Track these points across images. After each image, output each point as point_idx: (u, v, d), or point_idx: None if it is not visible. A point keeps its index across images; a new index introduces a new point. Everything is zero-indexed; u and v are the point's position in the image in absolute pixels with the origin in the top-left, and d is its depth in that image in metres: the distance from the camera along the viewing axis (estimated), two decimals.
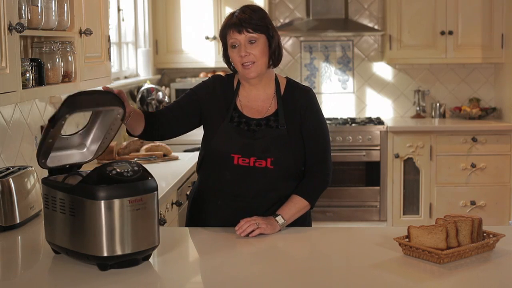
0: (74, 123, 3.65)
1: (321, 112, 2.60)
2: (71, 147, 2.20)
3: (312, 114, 2.54)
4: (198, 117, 2.57)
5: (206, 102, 2.55)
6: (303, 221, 2.56)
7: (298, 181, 2.53)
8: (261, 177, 2.46)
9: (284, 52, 6.08)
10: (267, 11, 5.70)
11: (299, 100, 2.54)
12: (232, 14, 2.49)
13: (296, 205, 2.46)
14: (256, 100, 2.54)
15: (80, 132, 2.22)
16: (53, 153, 2.12)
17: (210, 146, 2.52)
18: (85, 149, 2.23)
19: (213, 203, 2.53)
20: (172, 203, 3.41)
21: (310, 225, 2.64)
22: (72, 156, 2.20)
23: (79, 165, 2.22)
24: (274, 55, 2.51)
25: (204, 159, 2.56)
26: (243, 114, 2.52)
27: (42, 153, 2.07)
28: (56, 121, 1.98)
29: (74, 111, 2.00)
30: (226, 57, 2.54)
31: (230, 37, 2.45)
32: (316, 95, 2.64)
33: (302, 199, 2.48)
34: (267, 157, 2.45)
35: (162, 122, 2.53)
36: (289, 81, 2.60)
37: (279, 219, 2.40)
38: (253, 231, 2.32)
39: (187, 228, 2.56)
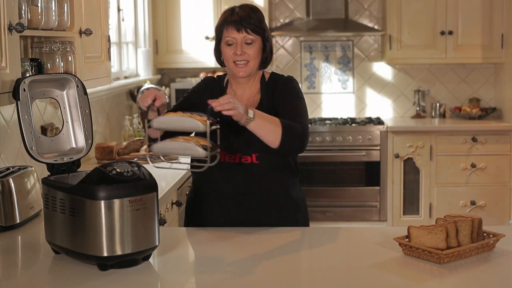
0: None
1: (300, 93, 2.54)
2: (61, 150, 2.24)
3: (288, 92, 2.52)
4: None
5: (199, 103, 2.56)
6: (302, 220, 2.57)
7: (288, 175, 2.53)
8: (249, 173, 2.47)
9: (284, 52, 6.13)
10: (267, 11, 5.71)
11: (279, 88, 2.54)
12: (231, 10, 2.49)
13: (271, 118, 2.32)
14: (242, 98, 2.55)
15: (60, 133, 2.27)
16: (52, 154, 2.15)
17: None
18: (74, 145, 2.28)
19: (206, 202, 2.56)
20: (172, 203, 3.41)
21: (308, 225, 2.64)
22: (70, 152, 2.24)
23: (78, 164, 2.22)
24: (266, 58, 2.53)
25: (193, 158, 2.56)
26: None
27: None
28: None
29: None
30: (217, 51, 2.55)
31: (228, 34, 2.46)
32: (316, 95, 2.65)
33: (278, 120, 2.32)
34: (252, 152, 2.46)
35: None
36: (272, 74, 2.61)
37: (250, 112, 2.24)
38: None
39: (187, 228, 2.56)
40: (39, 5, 2.51)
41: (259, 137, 2.30)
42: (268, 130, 2.29)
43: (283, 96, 2.52)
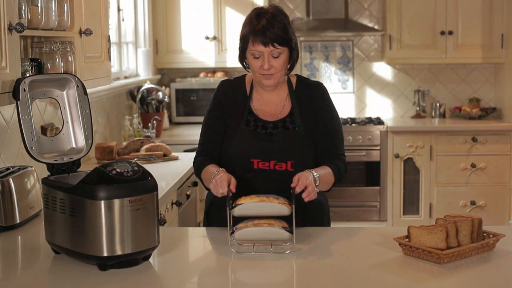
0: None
1: (334, 105, 2.60)
2: (61, 150, 2.24)
3: (326, 108, 2.54)
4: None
5: (225, 112, 2.54)
6: (326, 221, 2.64)
7: None
8: (281, 180, 2.41)
9: None
10: None
11: (312, 96, 2.53)
12: (257, 16, 2.41)
13: (327, 173, 2.42)
14: (269, 103, 2.53)
15: (60, 133, 2.27)
16: (52, 154, 2.15)
17: (227, 152, 2.49)
18: (74, 145, 2.27)
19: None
20: (172, 203, 3.41)
21: (329, 225, 2.66)
22: (70, 152, 2.24)
23: (78, 164, 2.22)
24: (293, 64, 2.49)
25: (220, 164, 2.49)
26: (259, 117, 2.51)
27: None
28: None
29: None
30: (242, 57, 2.49)
31: (254, 47, 2.40)
32: None
33: (331, 172, 2.44)
34: (288, 159, 2.44)
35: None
36: (299, 79, 2.59)
37: (317, 181, 2.34)
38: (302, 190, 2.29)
39: (187, 228, 2.56)
40: (39, 5, 2.51)
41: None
42: (324, 185, 2.43)
43: (320, 116, 2.52)
